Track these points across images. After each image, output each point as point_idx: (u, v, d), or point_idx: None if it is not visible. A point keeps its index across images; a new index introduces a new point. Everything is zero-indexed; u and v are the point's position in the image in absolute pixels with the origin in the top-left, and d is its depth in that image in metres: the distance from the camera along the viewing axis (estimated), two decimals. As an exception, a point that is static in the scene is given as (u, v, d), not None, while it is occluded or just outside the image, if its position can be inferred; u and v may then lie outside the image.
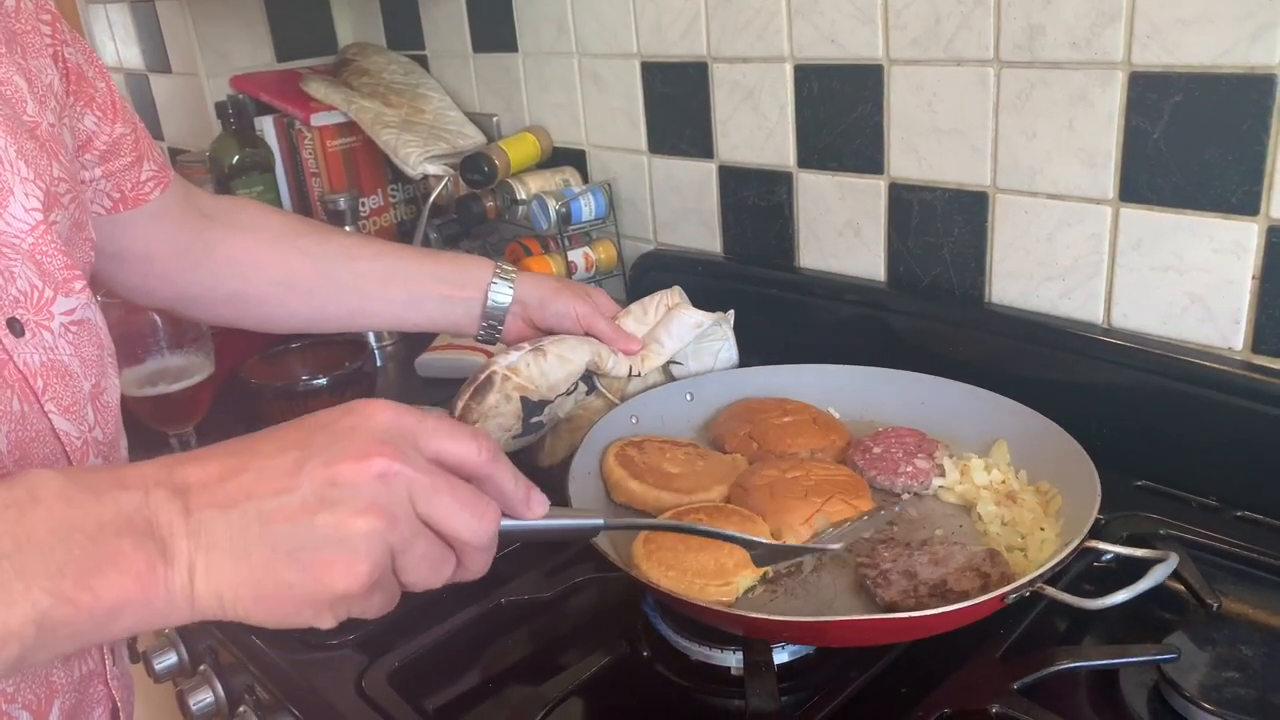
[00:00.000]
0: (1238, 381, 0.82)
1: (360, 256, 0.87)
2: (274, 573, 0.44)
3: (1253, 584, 0.76)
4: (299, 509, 0.44)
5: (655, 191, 1.28)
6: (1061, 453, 0.80)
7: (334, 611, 0.46)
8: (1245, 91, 0.77)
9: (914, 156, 0.99)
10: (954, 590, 0.69)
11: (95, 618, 0.42)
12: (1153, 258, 0.86)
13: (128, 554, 0.43)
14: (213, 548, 0.44)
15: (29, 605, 0.41)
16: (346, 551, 0.44)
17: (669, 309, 0.93)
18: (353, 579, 0.44)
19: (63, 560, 0.42)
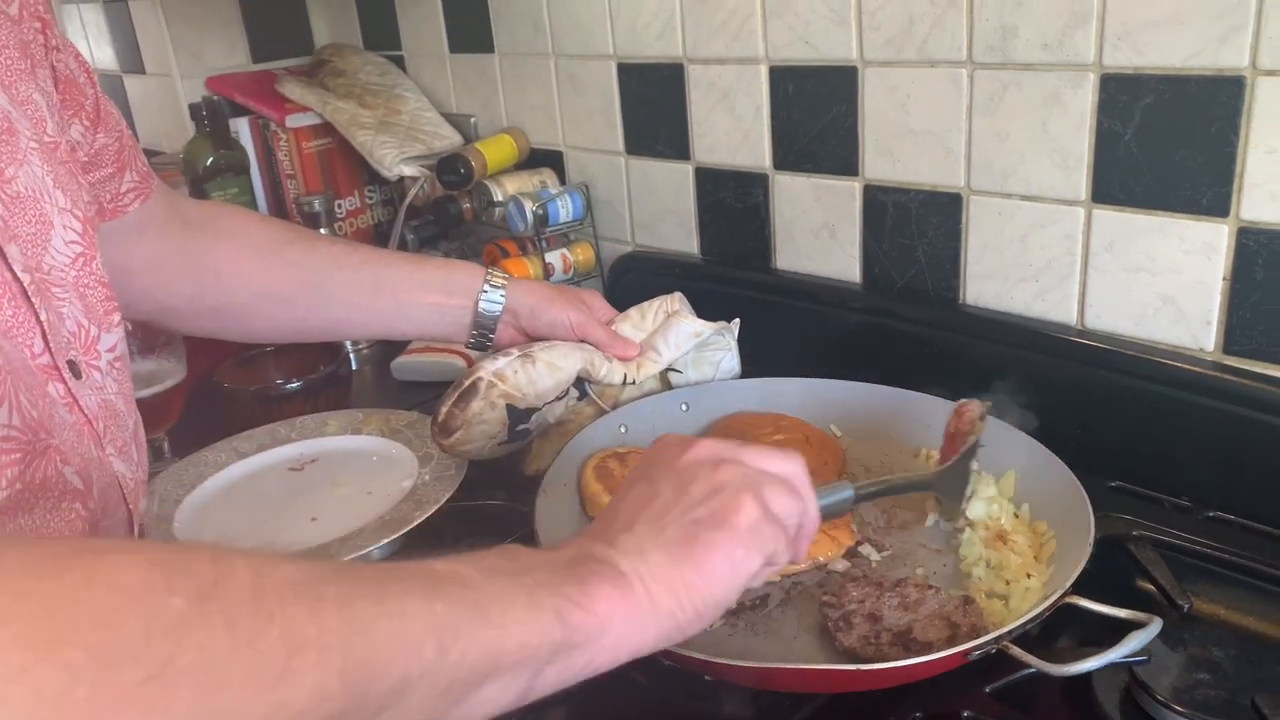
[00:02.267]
0: (1209, 382, 0.83)
1: (346, 265, 0.86)
2: (695, 542, 0.51)
3: (1224, 584, 0.76)
4: (673, 499, 0.53)
5: (633, 193, 1.27)
6: (1062, 493, 0.77)
7: (758, 546, 0.52)
8: (1215, 93, 0.77)
9: (888, 158, 0.99)
10: (918, 640, 0.66)
11: (595, 623, 0.47)
12: (1125, 259, 0.86)
13: (599, 571, 0.49)
14: (642, 555, 0.50)
15: (552, 607, 0.45)
16: (730, 494, 0.53)
17: (668, 315, 0.91)
18: (751, 506, 0.52)
19: (561, 577, 0.47)
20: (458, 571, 0.44)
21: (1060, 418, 0.86)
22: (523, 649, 0.43)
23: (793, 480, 0.57)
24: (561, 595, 0.46)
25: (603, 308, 0.90)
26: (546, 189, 1.28)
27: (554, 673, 0.46)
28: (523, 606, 0.44)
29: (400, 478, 0.94)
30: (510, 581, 0.45)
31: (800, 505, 0.57)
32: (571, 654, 0.46)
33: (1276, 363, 0.80)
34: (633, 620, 0.48)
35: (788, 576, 0.76)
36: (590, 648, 0.47)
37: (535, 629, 0.44)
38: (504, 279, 0.87)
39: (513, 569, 0.46)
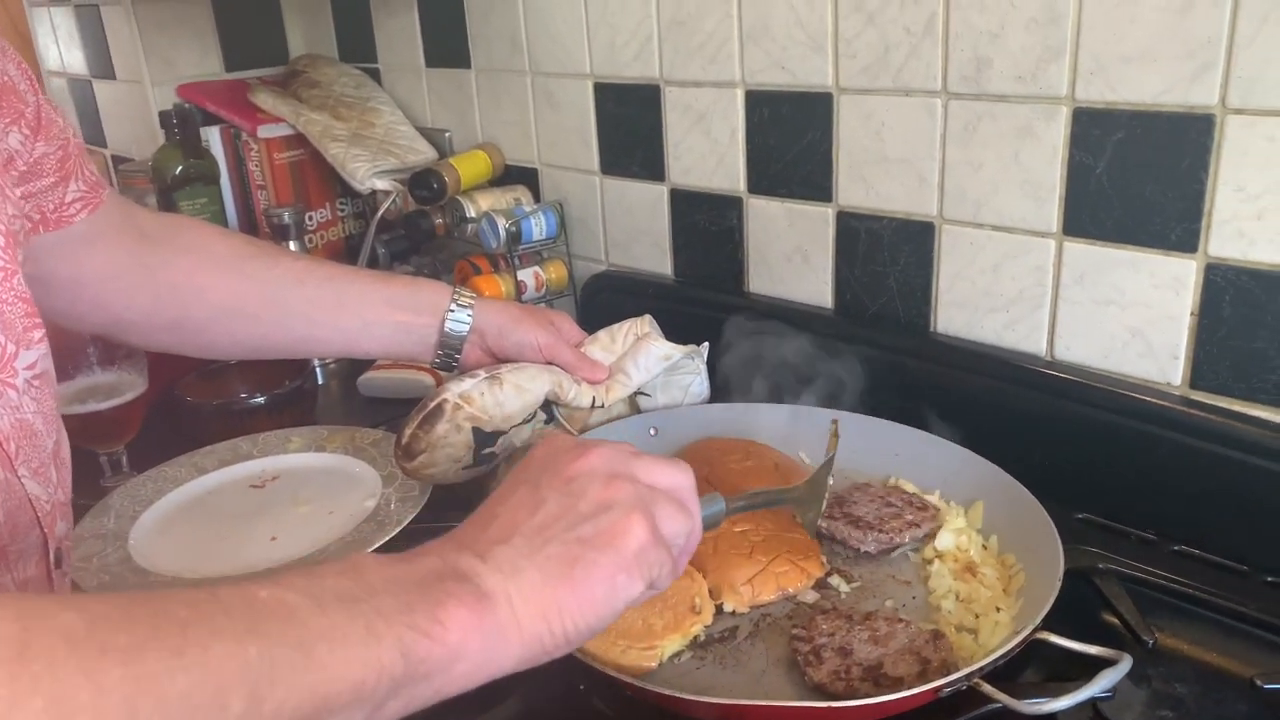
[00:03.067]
0: (1176, 416, 0.83)
1: (309, 281, 0.84)
2: (576, 562, 0.48)
3: (1188, 620, 0.76)
4: (559, 512, 0.50)
5: (607, 212, 1.27)
6: (1031, 526, 0.77)
7: (641, 572, 0.50)
8: (1185, 130, 0.78)
9: (862, 185, 1.00)
10: (888, 675, 0.66)
11: (445, 653, 0.44)
12: (1095, 291, 0.86)
13: (456, 593, 0.46)
14: (515, 572, 0.48)
15: (394, 639, 0.42)
16: (620, 513, 0.50)
17: (638, 338, 0.91)
18: (640, 529, 0.50)
19: (407, 601, 0.44)
20: (285, 601, 0.41)
21: (1028, 449, 0.86)
22: (357, 689, 0.41)
23: (682, 496, 0.55)
24: (406, 625, 0.43)
25: (572, 330, 0.89)
26: (520, 206, 1.28)
27: (396, 706, 0.43)
28: (358, 641, 0.41)
29: (363, 497, 0.92)
30: (346, 610, 0.42)
31: (689, 523, 0.55)
32: (416, 686, 0.43)
33: (1242, 398, 0.81)
34: (491, 644, 0.46)
35: (756, 608, 0.76)
36: (439, 678, 0.44)
37: (372, 666, 0.41)
38: (471, 298, 0.86)
39: (354, 592, 0.43)
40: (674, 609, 0.72)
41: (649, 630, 0.70)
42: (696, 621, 0.72)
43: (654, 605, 0.72)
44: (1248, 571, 0.80)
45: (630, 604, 0.50)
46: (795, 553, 0.78)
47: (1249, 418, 0.80)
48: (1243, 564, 0.81)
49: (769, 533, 0.80)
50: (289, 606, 0.40)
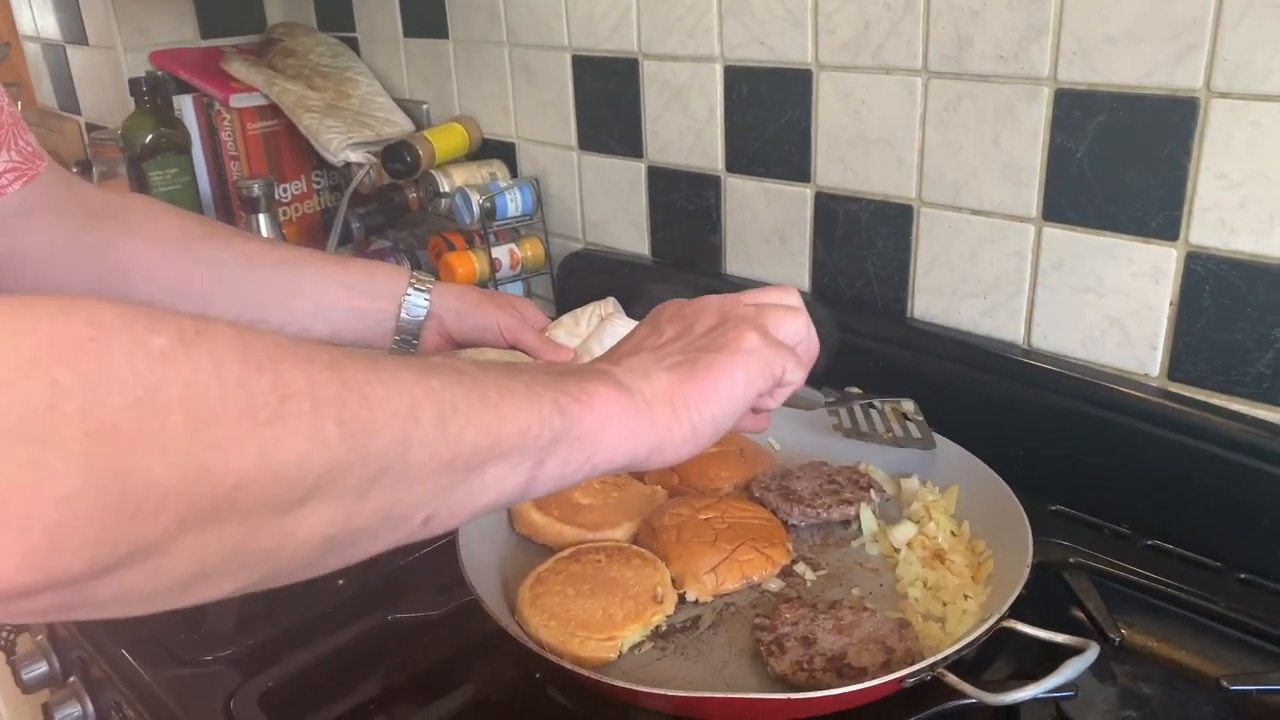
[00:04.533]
0: (1153, 409, 0.81)
1: (262, 264, 0.81)
2: (696, 363, 0.53)
3: (1157, 616, 0.75)
4: (677, 335, 0.57)
5: (584, 189, 1.24)
6: (1002, 512, 0.76)
7: (761, 370, 0.55)
8: (1168, 114, 0.75)
9: (841, 166, 0.97)
10: (852, 665, 0.64)
11: (595, 418, 0.48)
12: (1073, 279, 0.84)
13: (599, 378, 0.50)
14: (647, 373, 0.52)
15: (550, 399, 0.46)
16: (731, 325, 0.56)
17: (602, 319, 0.89)
18: (752, 333, 0.55)
19: (559, 379, 0.48)
20: (453, 363, 0.44)
21: (1003, 438, 0.84)
22: (523, 433, 0.44)
23: (789, 303, 0.61)
24: (560, 389, 0.47)
25: (534, 314, 0.87)
26: (496, 182, 1.25)
27: (555, 465, 0.47)
28: (521, 395, 0.45)
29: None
30: (507, 376, 0.46)
31: (801, 321, 0.60)
32: (572, 446, 0.47)
33: (1219, 391, 0.79)
34: (630, 423, 0.50)
35: (720, 597, 0.74)
36: (590, 443, 0.48)
37: (535, 415, 0.45)
38: (430, 282, 0.83)
39: (508, 370, 0.47)
40: (635, 598, 0.71)
41: (609, 620, 0.69)
42: (658, 611, 0.71)
43: (614, 594, 0.71)
44: (1220, 568, 0.79)
45: (749, 401, 0.55)
46: (760, 540, 0.76)
47: (1227, 411, 0.78)
48: (1216, 560, 0.79)
49: (735, 520, 0.78)
50: (458, 367, 0.44)
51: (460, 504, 0.43)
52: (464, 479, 0.42)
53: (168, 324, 0.32)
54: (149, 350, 0.31)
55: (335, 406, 0.36)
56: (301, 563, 0.37)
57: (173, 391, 0.31)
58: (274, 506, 0.34)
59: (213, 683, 0.71)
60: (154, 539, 0.31)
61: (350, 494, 0.37)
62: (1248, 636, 0.72)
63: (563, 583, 0.72)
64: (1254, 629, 0.72)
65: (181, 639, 0.75)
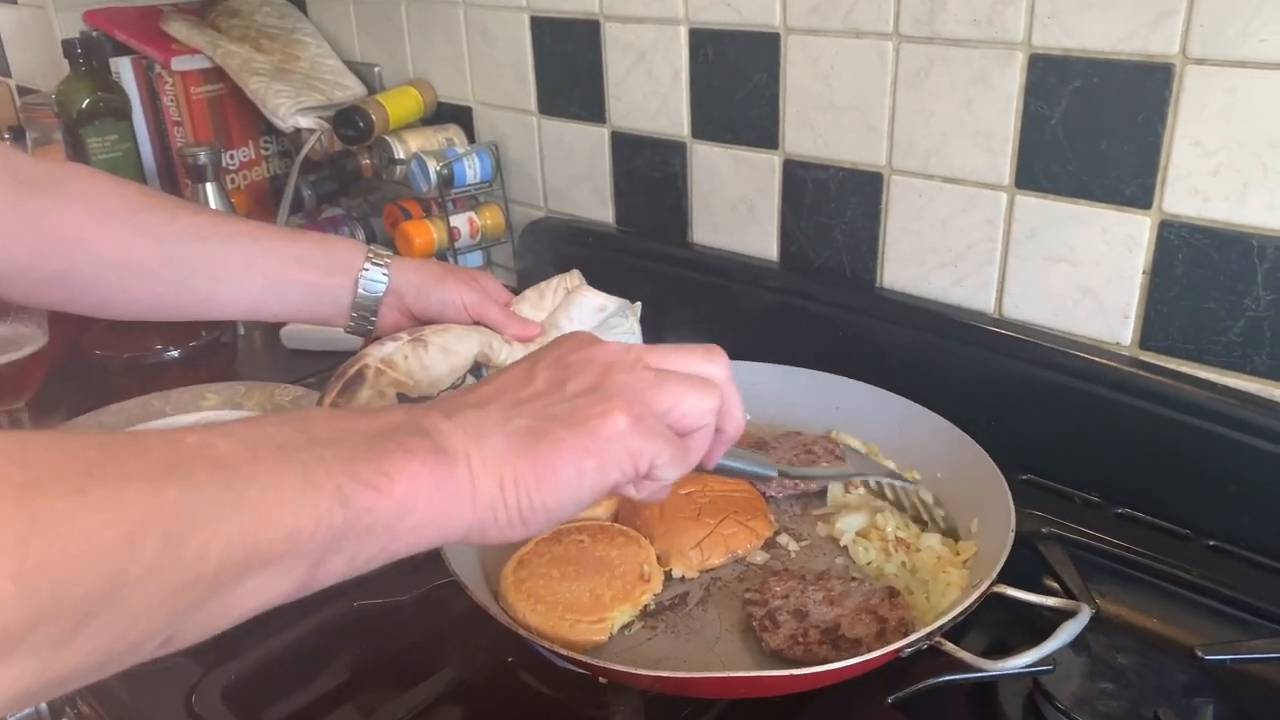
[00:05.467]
0: (1124, 378, 0.81)
1: (212, 237, 0.77)
2: (543, 436, 0.46)
3: (1129, 585, 0.75)
4: (544, 390, 0.49)
5: (545, 155, 1.21)
6: (979, 482, 0.75)
7: (617, 462, 0.48)
8: (1143, 80, 0.74)
9: (809, 132, 0.95)
10: (846, 636, 0.64)
11: (391, 505, 0.41)
12: (1046, 248, 0.83)
13: (410, 446, 0.43)
14: (482, 435, 0.46)
15: (333, 489, 0.40)
16: (601, 397, 0.48)
17: (569, 292, 0.86)
18: (620, 415, 0.47)
19: (353, 452, 0.42)
20: (213, 446, 0.38)
21: (974, 407, 0.84)
22: (292, 536, 0.38)
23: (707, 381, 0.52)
24: (347, 475, 0.40)
25: (498, 289, 0.84)
26: (453, 147, 1.21)
27: (340, 562, 0.41)
28: (293, 487, 0.39)
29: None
30: (283, 458, 0.39)
31: (708, 403, 0.52)
32: (360, 540, 0.41)
33: (1191, 359, 0.79)
34: (442, 504, 0.43)
35: (706, 572, 0.73)
36: (385, 533, 0.42)
37: (308, 514, 0.39)
38: (388, 257, 0.80)
39: (294, 441, 0.40)
40: (622, 578, 0.70)
41: (597, 602, 0.68)
42: (646, 590, 0.70)
43: (601, 575, 0.69)
44: (1190, 536, 0.79)
45: (598, 494, 0.48)
46: (743, 513, 0.76)
47: (1198, 380, 0.78)
48: (1186, 528, 0.80)
49: (716, 494, 0.78)
50: (217, 452, 0.38)
51: (210, 619, 0.37)
52: (210, 597, 0.36)
53: None
54: None
55: (14, 555, 0.30)
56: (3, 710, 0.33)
57: None
58: None
59: (171, 677, 0.68)
60: None
61: (43, 648, 0.32)
62: (1218, 604, 0.73)
63: (546, 565, 0.70)
64: (1224, 596, 0.73)
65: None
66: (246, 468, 0.38)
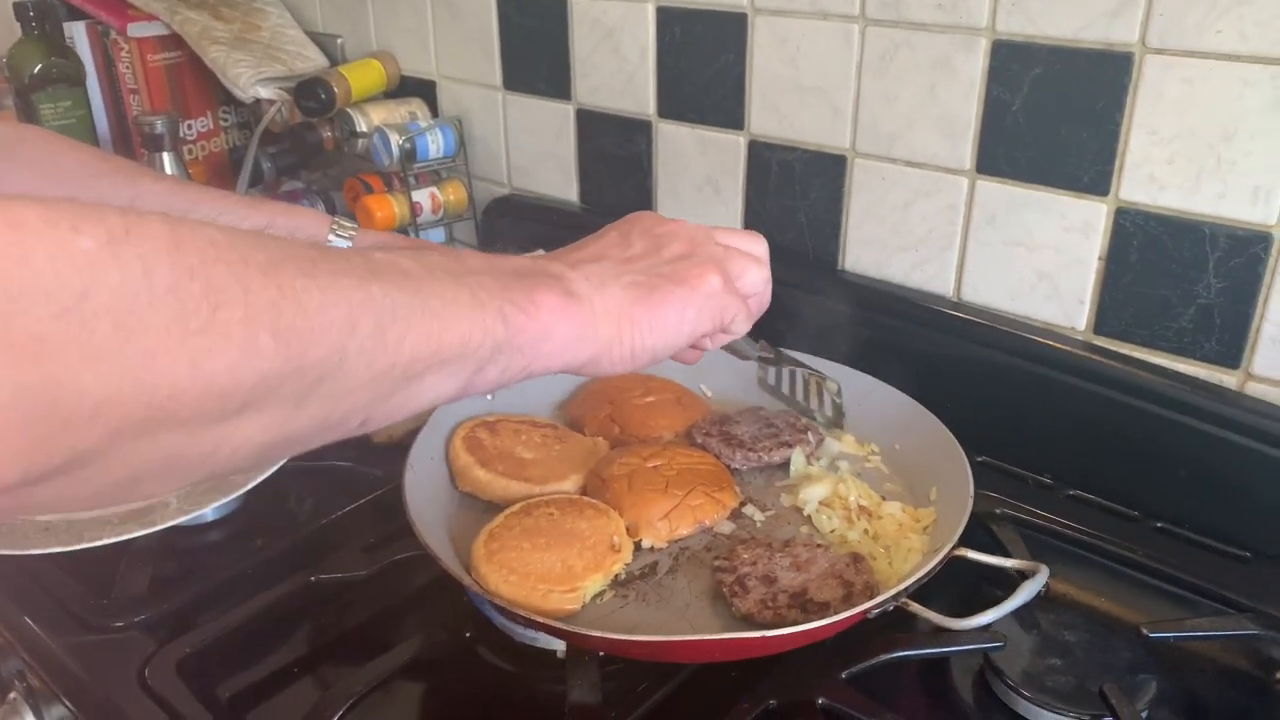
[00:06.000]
0: (1078, 362, 0.82)
1: (171, 205, 0.75)
2: (653, 289, 0.53)
3: (1079, 564, 0.77)
4: (644, 253, 0.56)
5: (510, 132, 1.20)
6: (937, 451, 0.77)
7: (712, 313, 0.56)
8: (1103, 69, 0.75)
9: (775, 114, 0.95)
10: (814, 600, 0.65)
11: (538, 329, 0.48)
12: (1005, 232, 0.84)
13: (548, 284, 0.49)
14: (601, 284, 0.52)
15: (495, 308, 0.45)
16: (698, 261, 0.56)
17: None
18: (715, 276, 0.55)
19: (507, 283, 0.47)
20: (398, 263, 0.43)
21: (931, 389, 0.85)
22: (464, 343, 0.44)
23: (757, 253, 0.62)
24: (506, 299, 0.46)
25: None
26: (416, 121, 1.20)
27: (494, 371, 0.47)
28: (466, 303, 0.44)
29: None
30: (453, 280, 0.45)
31: (763, 275, 0.62)
32: (512, 355, 0.47)
33: (1143, 345, 0.80)
34: (573, 334, 0.50)
35: (674, 542, 0.74)
36: (531, 352, 0.48)
37: (478, 325, 0.44)
38: (352, 229, 0.79)
39: (457, 270, 0.46)
40: (593, 549, 0.71)
41: (569, 572, 0.68)
42: (617, 560, 0.71)
43: (572, 546, 0.70)
44: (1138, 517, 0.81)
45: (693, 338, 0.56)
46: (710, 485, 0.77)
47: (1149, 365, 0.80)
48: (1134, 510, 0.82)
49: (682, 466, 0.78)
50: (402, 268, 0.42)
51: (396, 407, 0.43)
52: (401, 386, 0.42)
53: (95, 222, 0.30)
54: (74, 254, 0.29)
55: (270, 315, 0.34)
56: (239, 465, 0.37)
57: (101, 299, 0.29)
58: (209, 416, 0.34)
59: (125, 650, 0.68)
60: (88, 448, 0.31)
61: (286, 403, 0.36)
62: (1164, 584, 0.74)
63: (517, 537, 0.70)
64: (1170, 576, 0.74)
65: (90, 605, 0.71)
66: (428, 283, 0.43)
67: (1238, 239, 0.73)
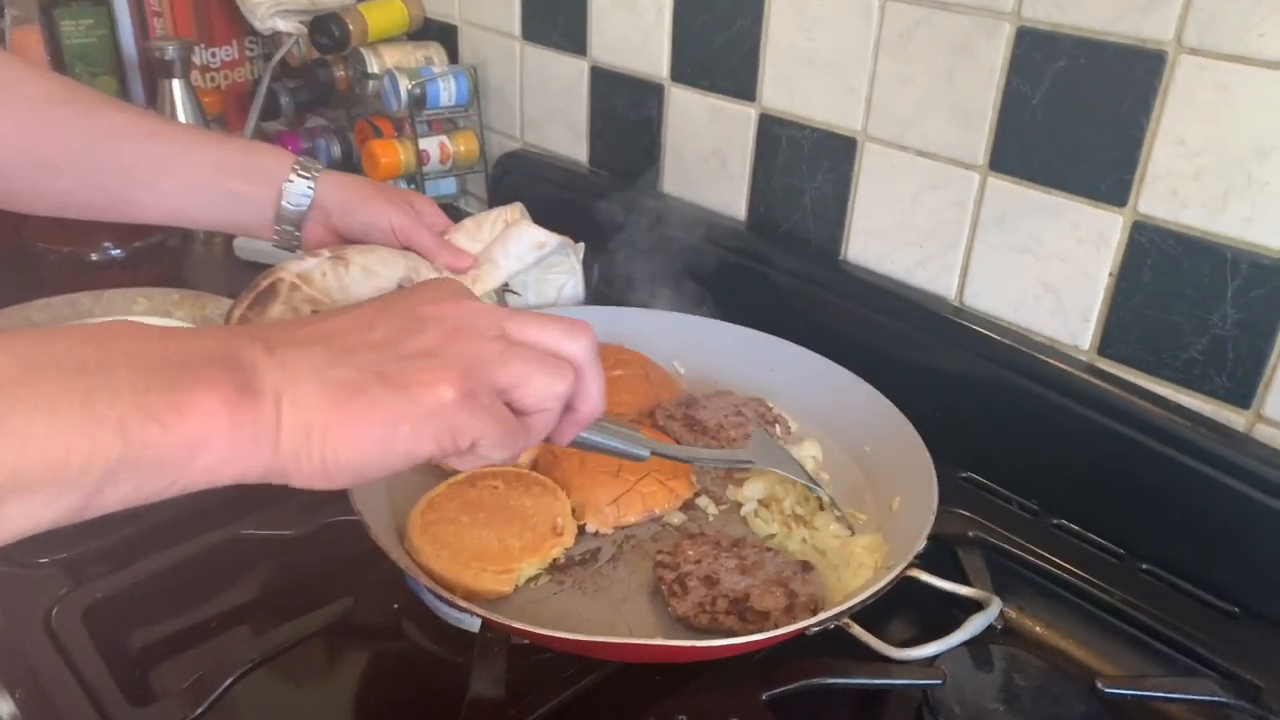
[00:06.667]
0: (1077, 384, 0.76)
1: (128, 136, 0.73)
2: (361, 391, 0.43)
3: (1049, 601, 0.71)
4: (384, 340, 0.45)
5: (525, 84, 1.16)
6: (906, 459, 0.73)
7: (435, 434, 0.44)
8: (1132, 66, 0.68)
9: (787, 88, 0.89)
10: (754, 609, 0.61)
11: (179, 443, 0.39)
12: (1013, 236, 0.78)
13: (216, 378, 0.40)
14: (299, 379, 0.42)
15: (115, 420, 0.37)
16: (437, 364, 0.44)
17: (507, 225, 0.81)
18: (450, 387, 0.44)
19: (149, 380, 0.39)
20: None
21: (921, 396, 0.79)
22: (61, 465, 0.36)
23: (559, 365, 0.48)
24: (135, 406, 0.38)
25: (435, 215, 0.80)
26: (429, 66, 1.16)
27: (120, 493, 0.38)
28: (71, 414, 0.36)
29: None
30: (65, 381, 0.37)
31: (558, 391, 0.48)
32: (145, 474, 0.38)
33: (1147, 372, 0.74)
34: (240, 446, 0.40)
35: (621, 529, 0.71)
36: (174, 469, 0.39)
37: (83, 442, 0.36)
38: (316, 170, 0.76)
39: (86, 363, 0.38)
40: (534, 529, 0.68)
41: (505, 552, 0.65)
42: (557, 544, 0.68)
43: (512, 525, 0.67)
44: (1124, 556, 0.75)
45: (413, 461, 0.44)
46: (664, 472, 0.73)
47: (1152, 395, 0.74)
48: (1120, 548, 0.76)
49: None
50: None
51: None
52: None
53: None
54: None
55: None
56: None
57: None
58: None
59: (40, 588, 0.66)
60: None
61: None
62: (1138, 632, 0.69)
63: (457, 510, 0.67)
64: (1145, 625, 0.69)
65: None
66: (15, 390, 0.35)
67: (1261, 268, 0.66)
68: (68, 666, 0.60)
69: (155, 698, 0.60)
